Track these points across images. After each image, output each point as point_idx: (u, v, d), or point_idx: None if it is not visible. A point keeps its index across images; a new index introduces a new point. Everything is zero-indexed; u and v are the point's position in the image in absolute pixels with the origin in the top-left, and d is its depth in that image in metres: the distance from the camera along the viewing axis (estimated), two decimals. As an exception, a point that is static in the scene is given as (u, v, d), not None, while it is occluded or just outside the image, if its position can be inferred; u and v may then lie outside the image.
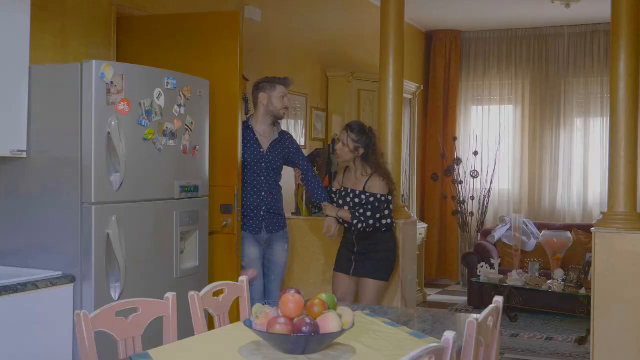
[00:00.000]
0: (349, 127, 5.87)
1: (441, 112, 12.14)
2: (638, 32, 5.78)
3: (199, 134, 5.02)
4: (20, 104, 4.27)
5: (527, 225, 10.05)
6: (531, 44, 11.83)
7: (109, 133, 4.23)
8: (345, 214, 5.82)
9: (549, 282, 8.53)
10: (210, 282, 4.52)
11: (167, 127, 4.66)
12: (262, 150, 5.80)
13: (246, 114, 6.98)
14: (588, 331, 7.07)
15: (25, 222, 4.35)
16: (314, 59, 8.83)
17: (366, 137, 5.80)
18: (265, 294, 5.80)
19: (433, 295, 10.77)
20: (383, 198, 5.76)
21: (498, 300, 3.39)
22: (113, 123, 4.25)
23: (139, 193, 4.50)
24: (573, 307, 8.53)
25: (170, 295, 3.52)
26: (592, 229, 5.69)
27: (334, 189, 6.12)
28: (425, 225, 10.73)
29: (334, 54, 9.23)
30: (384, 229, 5.84)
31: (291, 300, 2.91)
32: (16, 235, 4.38)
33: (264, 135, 5.85)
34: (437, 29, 12.17)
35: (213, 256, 5.37)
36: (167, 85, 4.66)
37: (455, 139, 11.82)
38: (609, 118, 5.98)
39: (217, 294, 3.83)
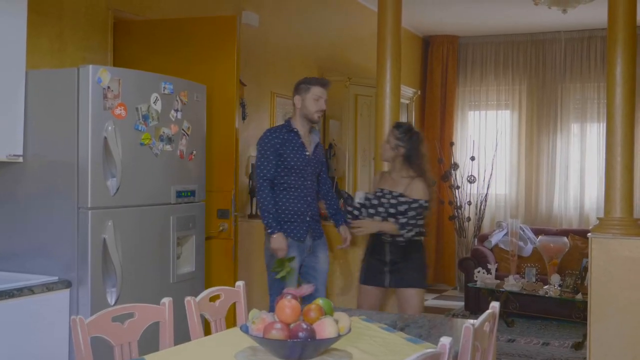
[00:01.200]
0: (395, 125, 5.67)
1: (438, 117, 12.15)
2: (634, 38, 5.79)
3: (195, 138, 5.01)
4: (17, 109, 4.27)
5: (523, 231, 10.05)
6: (528, 49, 11.84)
7: (105, 138, 4.23)
8: (389, 226, 5.43)
9: (545, 287, 8.52)
10: (207, 287, 4.51)
11: (163, 132, 4.65)
12: (307, 153, 5.46)
13: (243, 118, 7.00)
14: (584, 336, 7.07)
15: (22, 227, 4.35)
16: (311, 64, 8.83)
17: (410, 138, 5.50)
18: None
19: (430, 301, 10.77)
20: (426, 204, 5.43)
21: (494, 305, 3.39)
22: (110, 128, 4.25)
23: (135, 198, 4.50)
24: (570, 313, 8.52)
25: (166, 301, 3.51)
26: (589, 234, 5.69)
27: (358, 201, 5.68)
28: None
29: (331, 58, 9.23)
30: (418, 237, 5.53)
31: (287, 305, 2.91)
32: (12, 240, 4.37)
33: (306, 138, 5.50)
34: (434, 34, 12.18)
35: (210, 261, 5.36)
36: (164, 90, 4.65)
37: (452, 144, 11.82)
38: (605, 123, 5.98)
39: (213, 299, 3.83)
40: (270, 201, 5.30)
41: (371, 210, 5.52)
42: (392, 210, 5.43)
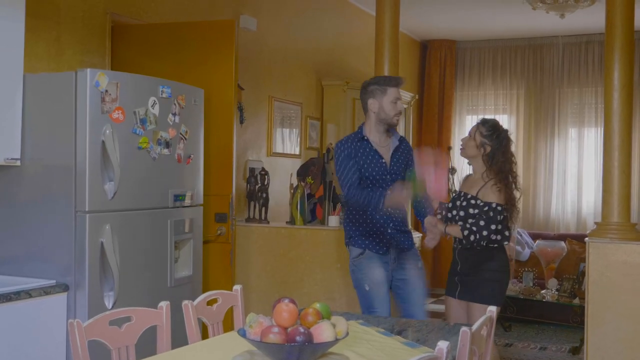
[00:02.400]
0: (482, 120, 5.21)
1: (436, 122, 12.15)
2: (632, 43, 5.81)
3: (193, 142, 5.01)
4: (15, 113, 4.27)
5: (521, 235, 10.06)
6: (526, 53, 11.85)
7: (103, 142, 4.23)
8: (454, 230, 4.98)
9: (543, 291, 8.54)
10: (204, 291, 4.51)
11: (161, 136, 4.66)
12: (384, 162, 5.07)
13: (241, 122, 7.00)
14: (582, 341, 7.06)
15: (19, 231, 4.35)
16: (309, 68, 8.84)
17: (497, 136, 5.04)
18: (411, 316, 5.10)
19: (428, 305, 10.74)
20: (499, 208, 4.88)
21: (492, 310, 3.39)
22: (107, 132, 4.25)
23: (133, 202, 4.50)
24: (567, 317, 8.53)
25: (164, 304, 3.51)
26: (586, 238, 5.70)
27: (446, 204, 5.25)
28: (420, 235, 10.70)
29: (329, 63, 9.24)
30: (492, 244, 4.94)
31: (285, 309, 2.91)
32: (10, 244, 4.37)
33: (382, 145, 5.11)
34: (432, 38, 12.19)
35: (207, 265, 5.36)
36: (161, 94, 4.66)
37: (450, 148, 11.81)
38: (603, 128, 5.99)
39: (211, 303, 3.83)
40: (363, 192, 4.93)
41: (449, 215, 5.14)
42: (462, 214, 5.02)
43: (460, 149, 5.26)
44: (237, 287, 4.02)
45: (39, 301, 4.03)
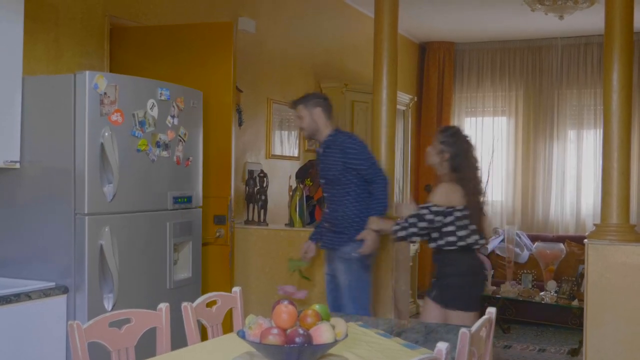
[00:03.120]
0: (440, 129, 5.31)
1: (434, 124, 12.14)
2: (631, 44, 5.80)
3: (192, 144, 5.02)
4: (14, 115, 4.27)
5: (520, 237, 10.06)
6: (524, 55, 11.86)
7: (102, 144, 4.24)
8: (387, 224, 5.22)
9: (541, 293, 8.54)
10: (204, 293, 4.51)
11: (160, 138, 4.66)
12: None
13: (240, 125, 7.00)
14: (581, 342, 7.06)
15: (19, 233, 4.35)
16: (308, 70, 8.84)
17: (455, 142, 5.13)
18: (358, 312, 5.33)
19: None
20: (435, 209, 4.92)
21: (491, 311, 3.39)
22: (106, 134, 4.25)
23: (132, 204, 4.50)
24: (566, 319, 8.53)
25: (163, 306, 3.51)
26: (585, 240, 5.69)
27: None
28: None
29: (328, 65, 9.24)
30: (448, 248, 4.97)
31: (284, 311, 2.91)
32: (9, 246, 4.37)
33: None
34: (431, 40, 12.20)
35: (206, 267, 5.36)
36: (160, 96, 4.66)
37: (448, 151, 11.81)
38: (602, 129, 5.98)
39: (210, 304, 3.83)
40: None
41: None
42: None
43: (425, 156, 5.34)
44: (236, 289, 4.02)
45: (38, 303, 4.03)
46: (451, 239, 4.95)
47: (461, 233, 4.95)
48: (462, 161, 5.09)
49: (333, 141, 5.46)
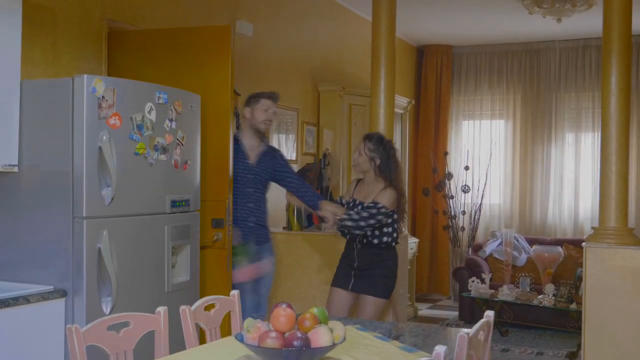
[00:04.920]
0: (367, 137, 5.77)
1: (432, 127, 12.17)
2: (629, 47, 5.81)
3: (190, 148, 5.01)
4: (12, 119, 4.27)
5: (518, 240, 10.07)
6: (522, 58, 11.88)
7: (100, 147, 4.23)
8: (338, 209, 5.69)
9: (540, 296, 8.54)
10: (202, 296, 4.51)
11: (158, 142, 4.65)
12: (249, 161, 5.82)
13: (237, 127, 6.99)
14: (579, 346, 7.07)
15: (17, 236, 4.35)
16: (305, 74, 8.84)
17: (383, 149, 5.67)
18: (257, 307, 5.73)
19: (424, 310, 10.77)
20: (384, 210, 5.52)
21: (489, 314, 3.39)
22: (104, 137, 4.25)
23: (130, 207, 4.49)
24: (564, 322, 8.54)
25: (161, 310, 3.51)
26: (583, 243, 5.70)
27: (343, 201, 5.92)
28: (417, 240, 10.73)
29: (325, 68, 9.25)
30: (383, 245, 5.64)
31: (282, 314, 2.91)
32: (7, 250, 4.37)
33: (251, 149, 5.87)
34: (429, 43, 12.21)
35: (204, 270, 5.35)
36: (158, 100, 4.66)
37: (446, 153, 11.84)
38: (600, 133, 5.99)
39: (208, 308, 3.83)
40: None
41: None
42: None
43: (353, 166, 5.87)
44: (234, 292, 4.02)
45: (37, 307, 4.03)
46: (387, 238, 5.62)
47: (394, 234, 5.67)
48: (390, 165, 5.67)
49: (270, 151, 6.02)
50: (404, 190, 5.81)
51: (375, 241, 5.62)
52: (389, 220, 5.61)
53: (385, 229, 5.61)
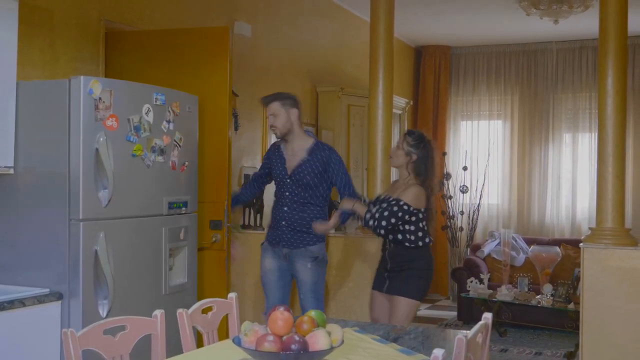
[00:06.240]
0: (408, 132, 5.64)
1: (431, 127, 12.16)
2: (625, 49, 5.81)
3: (188, 149, 5.01)
4: (8, 120, 4.26)
5: (516, 240, 10.06)
6: (520, 59, 11.89)
7: (97, 149, 4.22)
8: (360, 207, 5.46)
9: (538, 297, 8.54)
10: (199, 298, 4.50)
11: (155, 143, 4.65)
12: (286, 167, 5.60)
13: (236, 129, 7.00)
14: (577, 346, 7.07)
15: (13, 239, 4.34)
16: (304, 74, 8.84)
17: (423, 146, 5.49)
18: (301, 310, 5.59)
19: (423, 310, 10.76)
20: (406, 207, 5.31)
21: (487, 316, 3.38)
22: (101, 139, 4.24)
23: (127, 209, 4.49)
24: (562, 322, 8.53)
25: (158, 313, 3.50)
26: (581, 244, 5.70)
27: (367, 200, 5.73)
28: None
29: (324, 69, 9.25)
30: (412, 245, 5.43)
31: (280, 317, 2.90)
32: (3, 252, 4.35)
33: (290, 153, 5.64)
34: (427, 44, 12.21)
35: (202, 273, 5.35)
36: (155, 101, 4.65)
37: (444, 154, 11.83)
38: (597, 133, 5.99)
39: (206, 311, 3.82)
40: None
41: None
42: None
43: (389, 158, 5.78)
44: (232, 295, 4.01)
45: (32, 310, 4.01)
46: (411, 236, 5.40)
47: (420, 233, 5.43)
48: (427, 164, 5.49)
49: (316, 150, 5.61)
50: (435, 190, 5.60)
51: (403, 241, 5.44)
52: (413, 219, 5.40)
53: (407, 227, 5.41)
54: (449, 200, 11.49)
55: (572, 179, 11.54)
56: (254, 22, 7.66)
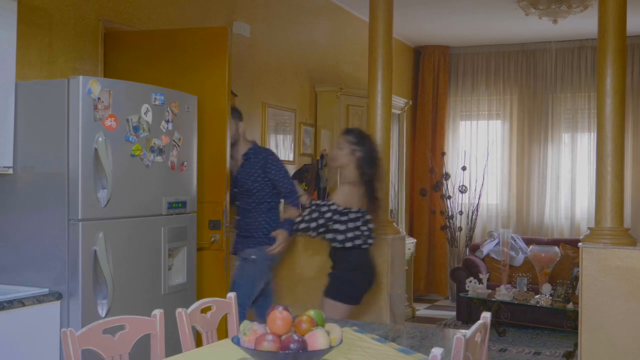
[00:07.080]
0: (346, 131, 5.66)
1: (430, 128, 12.17)
2: (624, 48, 5.81)
3: (187, 149, 5.01)
4: (7, 120, 4.26)
5: (515, 240, 10.07)
6: (519, 59, 11.89)
7: (96, 149, 4.22)
8: (293, 213, 5.66)
9: (537, 296, 8.54)
10: (199, 298, 4.50)
11: (154, 143, 4.65)
12: (233, 177, 5.92)
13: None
14: (576, 345, 7.08)
15: (12, 239, 4.33)
16: (303, 74, 8.84)
17: (366, 142, 5.48)
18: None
19: (422, 310, 10.77)
20: (334, 207, 5.34)
21: (486, 316, 3.38)
22: (100, 139, 4.24)
23: (126, 209, 4.49)
24: (561, 322, 8.54)
25: (157, 313, 3.50)
26: (580, 244, 5.70)
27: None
28: (414, 241, 10.74)
29: (323, 69, 9.24)
30: (342, 246, 5.40)
31: (279, 317, 2.90)
32: (2, 252, 4.35)
33: (234, 164, 5.94)
34: (426, 44, 12.21)
35: (201, 272, 5.35)
36: (154, 101, 4.65)
37: (443, 154, 11.84)
38: (596, 133, 5.99)
39: (205, 310, 3.82)
40: None
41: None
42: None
43: (331, 160, 5.80)
44: (231, 295, 4.01)
45: (32, 310, 4.01)
46: (341, 237, 5.37)
47: (350, 234, 5.37)
48: (370, 161, 5.44)
49: (251, 154, 5.90)
50: (379, 188, 5.54)
51: (331, 241, 5.43)
52: (343, 218, 5.37)
53: (338, 226, 5.37)
54: (448, 200, 11.49)
55: (571, 178, 11.54)
56: (253, 22, 7.65)
